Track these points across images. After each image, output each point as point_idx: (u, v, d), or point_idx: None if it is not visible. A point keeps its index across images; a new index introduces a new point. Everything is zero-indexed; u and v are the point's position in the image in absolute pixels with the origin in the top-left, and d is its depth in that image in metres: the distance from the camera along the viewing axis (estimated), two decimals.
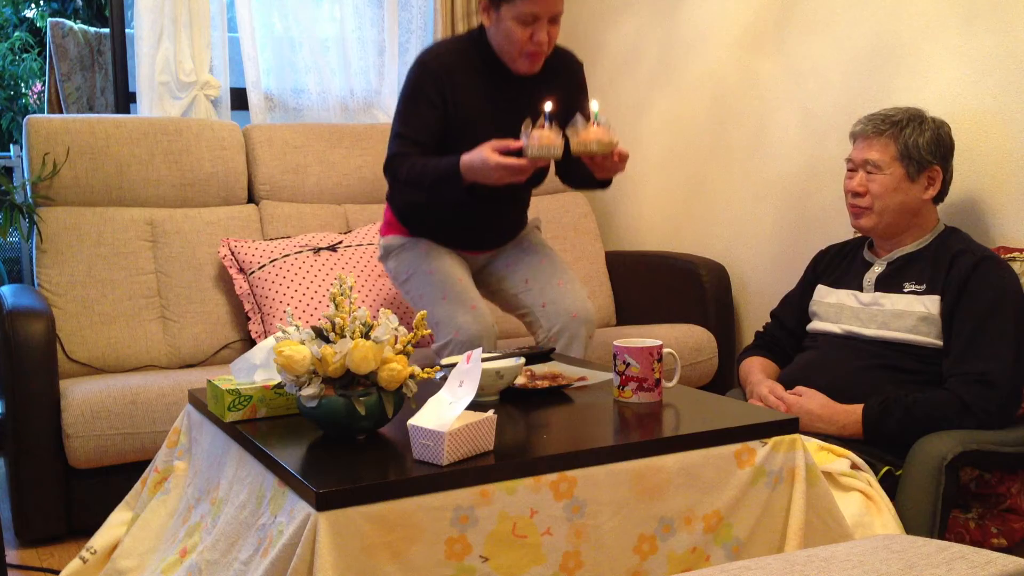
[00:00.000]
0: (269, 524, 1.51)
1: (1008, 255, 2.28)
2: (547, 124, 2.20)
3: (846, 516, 1.84)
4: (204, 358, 3.11)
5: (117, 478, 2.56)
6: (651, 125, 3.73)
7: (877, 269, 2.26)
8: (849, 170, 2.30)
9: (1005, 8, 2.46)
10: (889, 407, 2.06)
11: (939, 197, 2.27)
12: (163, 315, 3.11)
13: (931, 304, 2.13)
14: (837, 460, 2.00)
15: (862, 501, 1.93)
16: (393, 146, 2.51)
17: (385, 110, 3.89)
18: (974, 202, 2.57)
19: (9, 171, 4.70)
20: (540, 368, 2.14)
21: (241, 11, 3.64)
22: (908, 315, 2.15)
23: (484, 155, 2.24)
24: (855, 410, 2.09)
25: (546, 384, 2.00)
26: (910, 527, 1.94)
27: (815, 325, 2.35)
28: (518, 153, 2.24)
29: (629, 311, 3.64)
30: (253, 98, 3.67)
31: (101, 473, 2.65)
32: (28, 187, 3.09)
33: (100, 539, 2.07)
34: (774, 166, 3.21)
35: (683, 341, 3.15)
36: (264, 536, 1.51)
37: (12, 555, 2.58)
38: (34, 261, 3.05)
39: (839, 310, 2.29)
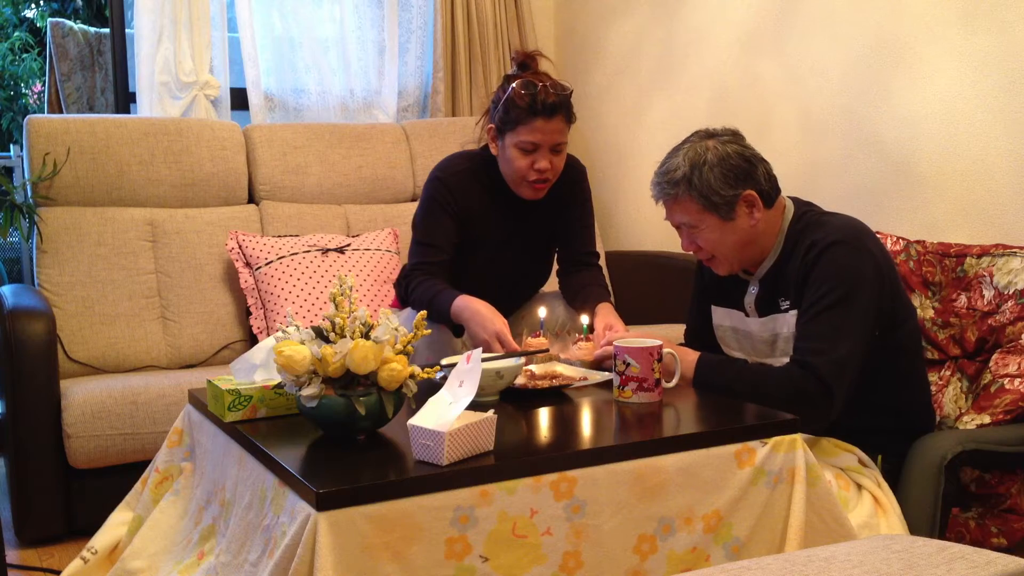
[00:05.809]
0: (273, 525, 1.51)
1: (1007, 252, 2.28)
2: (541, 332, 2.30)
3: (857, 518, 1.83)
4: (204, 358, 3.11)
5: (117, 478, 2.56)
6: (651, 125, 3.73)
7: (753, 291, 2.15)
8: (676, 228, 2.16)
9: (1005, 8, 2.46)
10: (727, 362, 2.09)
11: (769, 201, 2.10)
12: (163, 315, 3.11)
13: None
14: (844, 454, 2.00)
15: (871, 504, 1.93)
16: (413, 255, 2.58)
17: (385, 110, 3.88)
18: (974, 202, 2.57)
19: (9, 171, 4.70)
20: (540, 368, 2.14)
21: (241, 11, 3.64)
22: (792, 339, 2.06)
23: (496, 324, 2.27)
24: (696, 354, 2.09)
25: (546, 384, 2.00)
26: (910, 527, 1.94)
27: (730, 352, 2.26)
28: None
29: (629, 311, 3.63)
30: (253, 98, 3.67)
31: (101, 473, 2.65)
32: (28, 187, 3.09)
33: (101, 539, 2.08)
34: (773, 166, 3.19)
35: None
36: (269, 537, 1.52)
37: (12, 555, 2.58)
38: (34, 261, 3.05)
39: (741, 338, 2.21)
